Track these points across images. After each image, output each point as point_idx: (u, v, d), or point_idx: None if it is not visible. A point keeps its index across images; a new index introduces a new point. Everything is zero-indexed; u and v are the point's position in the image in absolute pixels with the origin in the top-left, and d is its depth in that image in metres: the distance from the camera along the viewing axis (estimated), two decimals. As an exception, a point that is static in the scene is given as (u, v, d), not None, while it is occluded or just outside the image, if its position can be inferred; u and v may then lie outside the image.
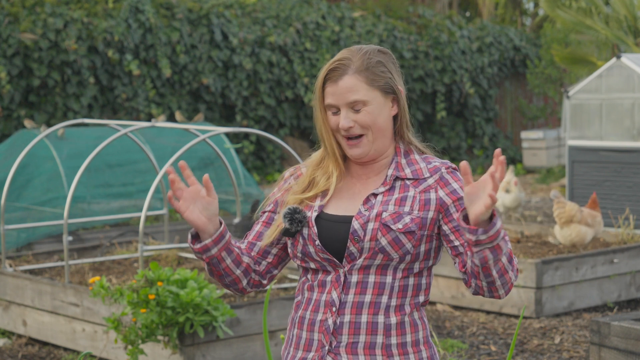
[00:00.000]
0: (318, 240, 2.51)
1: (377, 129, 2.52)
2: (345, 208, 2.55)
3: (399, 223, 2.47)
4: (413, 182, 2.53)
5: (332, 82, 2.52)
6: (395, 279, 2.51)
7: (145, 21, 13.94)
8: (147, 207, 5.91)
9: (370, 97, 2.51)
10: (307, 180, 2.60)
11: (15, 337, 6.64)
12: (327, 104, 2.53)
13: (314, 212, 2.54)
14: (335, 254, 2.51)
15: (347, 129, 2.51)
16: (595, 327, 4.83)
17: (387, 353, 2.51)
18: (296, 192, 2.58)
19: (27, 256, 7.26)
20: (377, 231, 2.46)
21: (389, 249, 2.47)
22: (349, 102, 2.50)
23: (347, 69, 2.52)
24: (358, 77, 2.51)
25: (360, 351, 2.50)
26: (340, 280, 2.51)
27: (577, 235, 7.24)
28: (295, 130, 15.61)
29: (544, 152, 16.61)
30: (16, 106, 12.81)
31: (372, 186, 2.56)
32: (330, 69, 2.53)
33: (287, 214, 2.52)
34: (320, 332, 2.52)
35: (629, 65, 9.40)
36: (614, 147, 9.47)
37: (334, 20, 16.43)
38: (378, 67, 2.54)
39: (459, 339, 6.40)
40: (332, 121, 2.54)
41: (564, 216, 7.25)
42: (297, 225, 2.52)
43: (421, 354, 2.54)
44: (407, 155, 2.59)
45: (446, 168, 2.55)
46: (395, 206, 2.49)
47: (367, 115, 2.51)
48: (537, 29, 21.13)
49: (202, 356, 5.32)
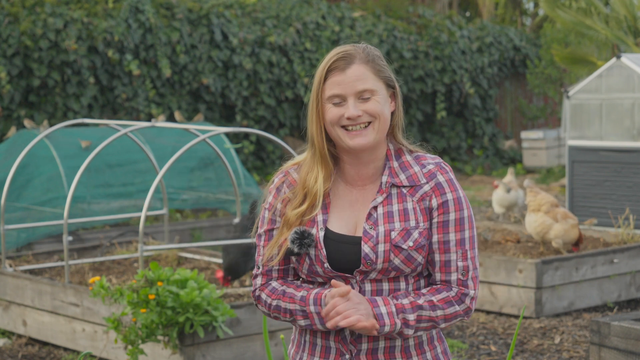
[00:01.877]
0: (327, 263, 2.49)
1: (383, 120, 2.48)
2: (348, 222, 2.50)
3: (409, 240, 2.45)
4: (409, 190, 2.50)
5: (339, 71, 2.47)
6: (408, 283, 2.51)
7: (145, 21, 13.93)
8: (147, 207, 5.91)
9: (378, 87, 2.49)
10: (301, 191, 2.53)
11: (15, 337, 6.64)
12: (332, 94, 2.46)
13: (320, 230, 2.49)
14: (344, 271, 2.49)
15: (355, 117, 2.45)
16: (595, 327, 4.82)
17: (407, 355, 2.51)
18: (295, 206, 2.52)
19: (27, 256, 7.26)
20: (390, 253, 2.44)
21: (402, 267, 2.47)
22: (358, 90, 2.46)
23: (354, 59, 2.48)
24: (366, 66, 2.48)
25: (381, 356, 2.49)
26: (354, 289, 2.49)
27: (540, 225, 7.09)
28: (295, 130, 15.61)
29: (544, 152, 16.61)
30: (16, 106, 12.81)
31: (370, 195, 2.52)
32: (336, 59, 2.48)
33: (296, 239, 2.47)
34: (336, 341, 2.50)
35: (629, 65, 9.40)
36: (614, 147, 9.47)
37: (334, 20, 16.43)
38: (379, 61, 2.52)
39: (459, 339, 6.40)
40: (333, 113, 2.47)
41: (533, 203, 7.21)
42: (306, 249, 2.48)
43: (436, 350, 2.56)
44: (399, 157, 2.54)
45: (440, 171, 2.51)
46: (401, 222, 2.46)
47: (376, 104, 2.47)
48: (537, 29, 21.13)
49: (202, 356, 5.32)
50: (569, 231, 7.10)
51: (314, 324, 2.47)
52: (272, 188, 2.59)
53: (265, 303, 2.55)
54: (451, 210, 2.48)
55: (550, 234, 7.08)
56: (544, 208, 7.10)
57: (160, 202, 8.83)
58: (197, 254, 7.19)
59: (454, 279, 2.49)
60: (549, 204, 7.13)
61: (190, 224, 9.96)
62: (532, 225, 7.13)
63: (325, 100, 2.49)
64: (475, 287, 2.51)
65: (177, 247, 6.40)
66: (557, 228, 7.06)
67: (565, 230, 7.07)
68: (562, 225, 7.07)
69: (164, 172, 6.11)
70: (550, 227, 7.07)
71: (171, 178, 9.66)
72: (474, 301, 2.51)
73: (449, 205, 2.48)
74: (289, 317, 2.51)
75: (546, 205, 7.11)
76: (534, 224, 7.11)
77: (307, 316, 2.47)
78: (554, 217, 7.08)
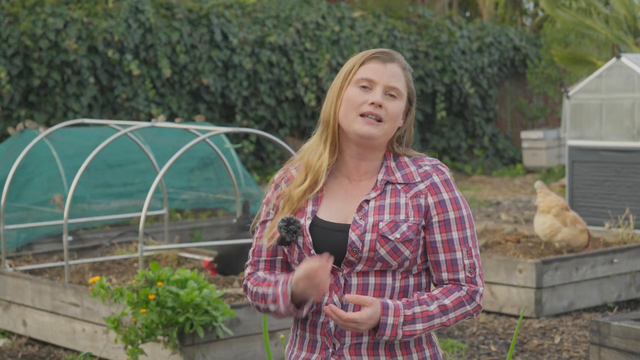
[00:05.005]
0: (313, 250, 2.51)
1: (393, 125, 2.54)
2: (338, 213, 2.54)
3: (397, 232, 2.47)
4: (404, 187, 2.53)
5: (380, 62, 2.54)
6: (395, 279, 2.52)
7: (145, 21, 13.93)
8: (147, 207, 5.91)
9: (403, 94, 2.56)
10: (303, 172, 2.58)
11: (15, 337, 6.64)
12: (365, 77, 2.52)
13: (307, 219, 2.53)
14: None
15: (377, 104, 2.50)
16: (595, 327, 4.82)
17: (391, 353, 2.51)
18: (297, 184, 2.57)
19: (27, 256, 7.26)
20: (375, 242, 2.47)
21: (388, 258, 2.48)
22: (390, 85, 2.52)
23: (395, 59, 2.56)
24: (402, 71, 2.56)
25: (364, 352, 2.51)
26: (340, 283, 2.51)
27: (548, 227, 7.07)
28: (295, 130, 15.60)
29: (544, 152, 16.61)
30: (16, 106, 12.81)
31: (364, 190, 2.55)
32: (380, 52, 2.55)
33: (282, 225, 2.52)
34: (322, 334, 2.53)
35: (629, 65, 9.40)
36: (614, 147, 9.47)
37: (334, 20, 16.43)
38: (410, 74, 2.60)
39: (458, 339, 6.40)
40: (358, 96, 2.52)
41: (543, 205, 7.20)
42: (293, 235, 2.52)
43: (424, 353, 2.55)
44: (397, 158, 2.59)
45: (436, 172, 2.54)
46: (391, 214, 2.49)
47: (396, 106, 2.53)
48: (537, 29, 21.13)
49: (202, 356, 5.32)
50: (577, 236, 7.08)
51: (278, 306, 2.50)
52: (271, 183, 2.66)
53: (250, 292, 2.60)
54: (449, 209, 2.51)
55: (557, 237, 7.07)
56: (553, 210, 7.09)
57: (160, 202, 8.83)
58: (197, 254, 7.19)
59: (463, 277, 2.51)
60: (559, 206, 7.12)
61: (190, 224, 9.96)
62: (540, 227, 7.12)
63: (353, 82, 2.54)
64: (482, 283, 2.55)
65: (177, 247, 6.40)
66: (564, 232, 7.06)
67: (572, 236, 7.06)
68: (570, 230, 7.06)
69: (164, 172, 6.11)
70: (559, 231, 7.06)
71: (171, 178, 9.66)
72: (482, 298, 2.54)
73: (446, 204, 2.51)
74: (263, 303, 2.54)
75: (556, 208, 7.09)
76: (542, 225, 7.10)
77: (275, 299, 2.50)
78: (563, 221, 7.06)
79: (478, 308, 2.52)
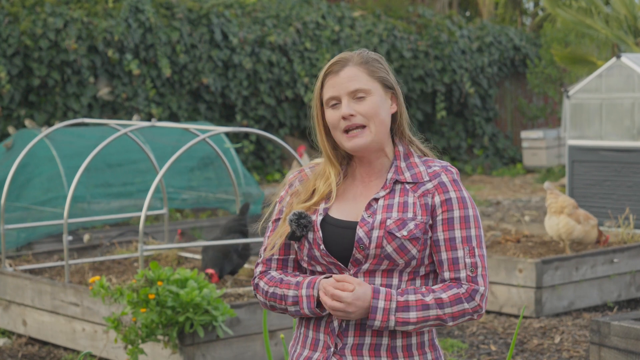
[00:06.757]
0: (323, 245, 2.52)
1: (379, 122, 2.54)
2: (349, 212, 2.55)
3: (404, 230, 2.47)
4: (412, 187, 2.54)
5: (333, 75, 2.56)
6: (401, 280, 2.51)
7: (145, 21, 13.93)
8: (147, 207, 5.91)
9: (372, 87, 2.55)
10: (310, 189, 2.61)
11: (15, 337, 6.64)
12: (329, 97, 2.55)
13: (319, 215, 2.55)
14: (340, 258, 2.52)
15: (348, 116, 2.52)
16: (595, 326, 4.82)
17: (392, 355, 2.51)
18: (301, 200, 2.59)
19: (27, 256, 7.26)
20: (382, 239, 2.47)
21: (394, 256, 2.48)
22: (351, 90, 2.53)
23: (347, 62, 2.57)
24: (359, 68, 2.56)
25: (366, 353, 2.50)
26: None
27: (564, 227, 7.13)
28: (295, 130, 15.60)
29: (544, 151, 16.61)
30: (16, 106, 12.81)
31: (374, 189, 2.57)
32: (331, 64, 2.58)
33: (293, 218, 2.54)
34: (325, 334, 2.53)
35: (629, 65, 9.40)
36: (614, 147, 9.47)
37: (334, 20, 16.43)
38: (375, 63, 2.59)
39: (458, 339, 6.40)
40: (332, 117, 2.55)
41: (555, 205, 7.22)
42: (303, 230, 2.54)
43: (426, 356, 2.55)
44: (407, 158, 2.60)
45: (445, 172, 2.55)
46: (399, 212, 2.50)
47: (370, 105, 2.53)
48: (537, 29, 21.13)
49: (202, 356, 5.32)
50: (590, 232, 7.22)
51: (301, 308, 2.51)
52: (285, 182, 2.69)
53: (263, 291, 2.60)
54: (455, 208, 2.51)
55: (574, 234, 7.15)
56: (566, 210, 7.15)
57: (160, 201, 8.83)
58: (197, 254, 7.19)
59: (463, 276, 2.50)
60: (571, 205, 7.19)
61: (190, 224, 9.96)
62: (555, 227, 7.17)
63: (325, 105, 2.58)
64: (485, 284, 2.51)
65: (177, 246, 6.40)
66: (579, 230, 7.17)
67: (586, 232, 7.21)
68: (583, 227, 7.19)
69: (164, 172, 6.11)
70: (574, 228, 7.15)
71: (171, 178, 9.66)
72: (484, 299, 2.50)
73: (452, 203, 2.51)
74: (283, 304, 2.55)
75: (569, 208, 7.16)
76: (557, 226, 7.16)
77: (297, 301, 2.51)
78: (576, 219, 7.17)
79: (478, 308, 2.49)
